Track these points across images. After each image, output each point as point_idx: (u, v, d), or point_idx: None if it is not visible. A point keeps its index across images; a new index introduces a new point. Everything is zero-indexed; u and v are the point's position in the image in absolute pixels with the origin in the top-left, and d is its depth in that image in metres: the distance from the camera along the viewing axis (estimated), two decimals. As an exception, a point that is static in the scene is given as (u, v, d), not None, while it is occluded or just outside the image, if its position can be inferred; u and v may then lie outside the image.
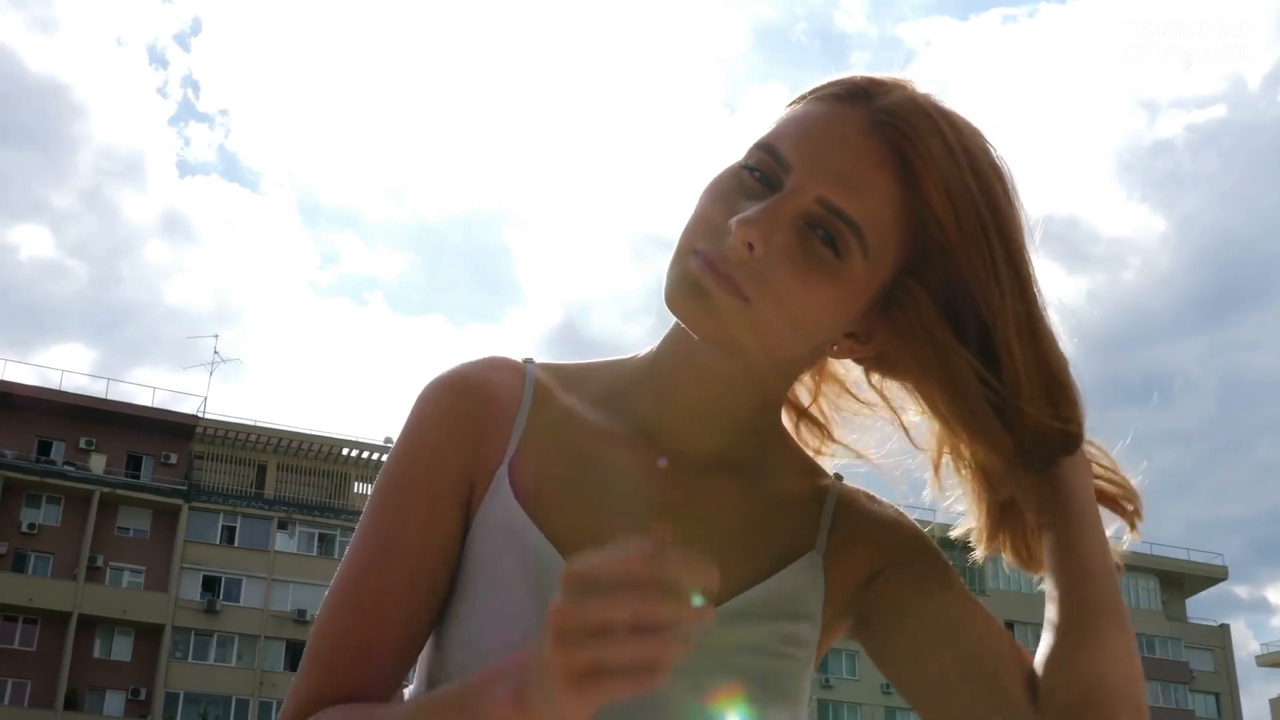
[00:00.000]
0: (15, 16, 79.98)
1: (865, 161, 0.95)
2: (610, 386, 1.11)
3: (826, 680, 46.02)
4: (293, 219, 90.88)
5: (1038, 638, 1.04)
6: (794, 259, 0.94)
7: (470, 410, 1.06)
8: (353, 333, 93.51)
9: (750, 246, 0.93)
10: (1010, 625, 49.50)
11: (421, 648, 1.05)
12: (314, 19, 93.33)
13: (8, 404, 41.78)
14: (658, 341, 1.10)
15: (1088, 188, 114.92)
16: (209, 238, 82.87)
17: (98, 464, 42.32)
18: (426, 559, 1.02)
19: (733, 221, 0.94)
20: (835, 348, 1.03)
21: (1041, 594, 1.07)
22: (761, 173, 0.98)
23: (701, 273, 0.95)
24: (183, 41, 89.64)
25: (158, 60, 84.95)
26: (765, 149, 0.99)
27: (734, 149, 1.03)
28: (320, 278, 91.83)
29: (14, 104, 76.85)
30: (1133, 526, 1.08)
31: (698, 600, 0.70)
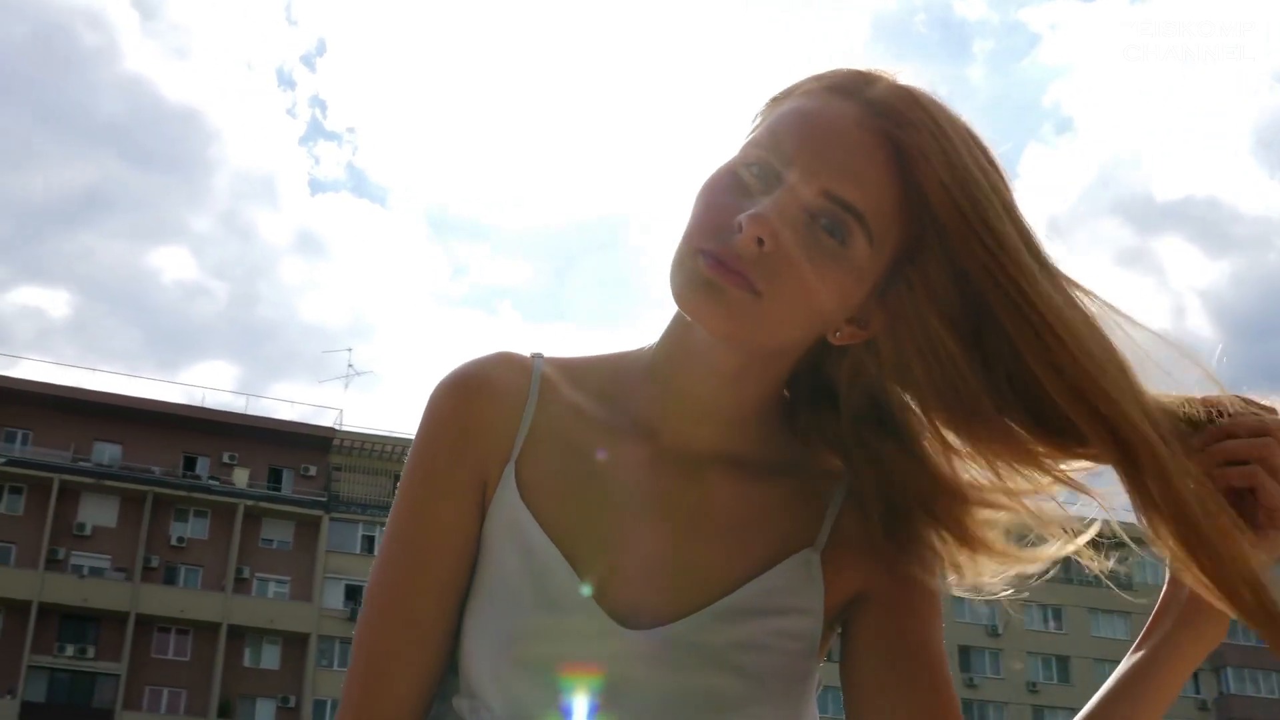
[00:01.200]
0: (151, 45, 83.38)
1: (863, 152, 0.98)
2: (612, 381, 1.13)
3: (970, 680, 45.06)
4: (421, 231, 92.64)
5: None
6: (803, 251, 0.97)
7: (478, 409, 1.08)
8: (485, 341, 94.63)
9: (760, 242, 0.96)
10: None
11: (452, 647, 1.07)
12: (434, 34, 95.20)
13: (155, 421, 43.35)
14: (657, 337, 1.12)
15: (1225, 167, 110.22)
16: (341, 254, 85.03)
17: (240, 478, 43.58)
18: (454, 562, 1.06)
19: (742, 218, 0.96)
20: (838, 333, 1.04)
21: None
22: (760, 169, 1.00)
23: (713, 271, 0.97)
24: (309, 63, 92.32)
25: (286, 82, 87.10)
26: (762, 145, 1.00)
27: (726, 147, 1.04)
28: (451, 288, 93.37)
29: (154, 130, 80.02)
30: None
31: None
